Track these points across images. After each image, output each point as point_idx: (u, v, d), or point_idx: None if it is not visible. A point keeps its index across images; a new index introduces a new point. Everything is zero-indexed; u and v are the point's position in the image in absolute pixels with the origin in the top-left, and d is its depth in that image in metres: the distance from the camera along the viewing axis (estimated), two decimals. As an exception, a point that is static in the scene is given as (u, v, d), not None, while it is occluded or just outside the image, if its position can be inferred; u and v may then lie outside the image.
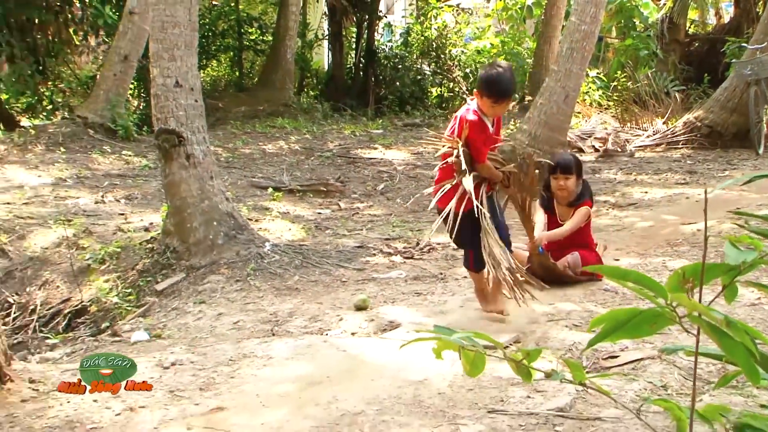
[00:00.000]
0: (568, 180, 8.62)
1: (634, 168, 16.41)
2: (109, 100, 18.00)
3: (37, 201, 12.89)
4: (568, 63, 13.58)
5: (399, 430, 5.47)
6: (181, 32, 9.88)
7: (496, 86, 7.37)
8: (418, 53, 24.44)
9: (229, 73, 24.88)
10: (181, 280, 9.35)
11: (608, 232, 11.36)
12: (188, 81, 9.92)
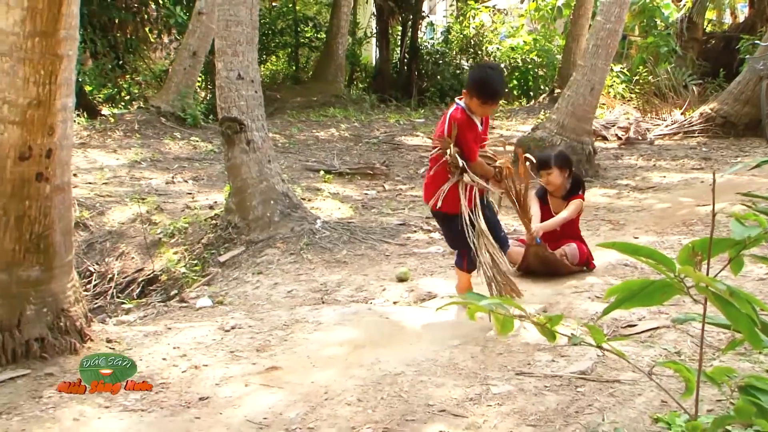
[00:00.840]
0: (550, 175, 8.30)
1: (654, 155, 16.26)
2: (180, 91, 18.07)
3: (115, 181, 12.93)
4: (594, 58, 13.45)
5: (435, 389, 5.46)
6: (243, 30, 9.88)
7: (487, 88, 6.93)
8: (457, 50, 24.35)
9: (287, 68, 24.84)
10: (241, 253, 9.35)
11: (628, 213, 11.25)
12: (249, 74, 9.92)
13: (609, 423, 4.71)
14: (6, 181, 6.12)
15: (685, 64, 22.68)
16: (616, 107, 20.41)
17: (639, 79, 21.86)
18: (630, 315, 6.61)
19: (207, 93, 19.04)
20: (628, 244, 2.15)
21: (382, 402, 5.31)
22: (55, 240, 6.44)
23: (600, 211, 11.16)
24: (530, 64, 24.21)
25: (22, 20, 5.85)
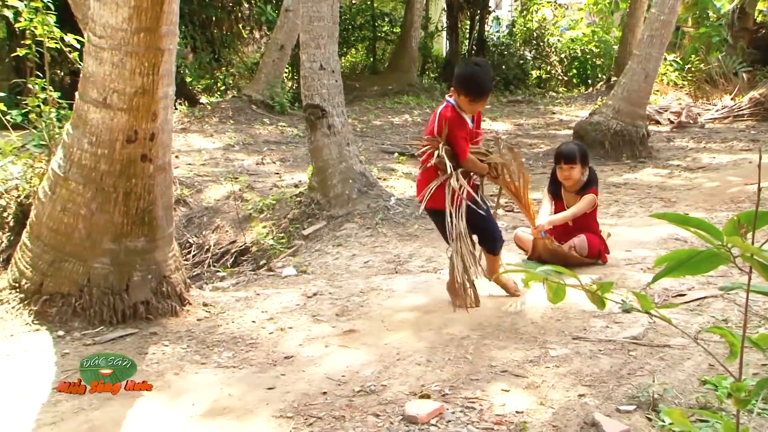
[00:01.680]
0: (573, 169, 7.46)
1: (704, 137, 16.03)
2: (269, 81, 18.16)
3: (211, 162, 13.02)
4: (649, 48, 13.33)
5: (498, 351, 5.43)
6: (324, 25, 9.89)
7: (474, 85, 6.36)
8: (520, 42, 24.21)
9: (365, 59, 24.86)
10: (322, 227, 9.38)
11: (679, 191, 11.10)
12: (330, 65, 9.94)
13: (659, 384, 4.64)
14: (115, 161, 6.21)
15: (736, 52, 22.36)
16: (668, 93, 20.21)
17: (691, 67, 21.63)
18: (680, 285, 6.55)
19: (293, 83, 19.08)
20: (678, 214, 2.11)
21: (449, 362, 5.30)
22: (158, 214, 6.52)
23: (652, 190, 11.02)
24: (588, 54, 24.02)
25: (129, 18, 5.90)
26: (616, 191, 11.01)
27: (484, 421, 4.44)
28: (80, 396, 5.39)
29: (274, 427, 4.60)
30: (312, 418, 4.67)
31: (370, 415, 4.63)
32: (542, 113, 19.09)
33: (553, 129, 16.71)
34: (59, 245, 6.59)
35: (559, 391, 4.73)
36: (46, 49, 8.66)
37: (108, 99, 6.14)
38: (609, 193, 10.90)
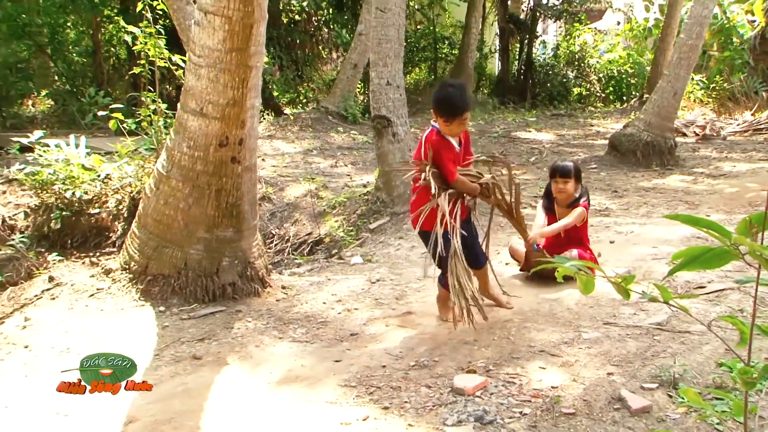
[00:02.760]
0: (567, 183, 6.91)
1: (726, 148, 15.79)
2: (343, 95, 18.23)
3: (292, 164, 13.10)
4: (678, 69, 13.18)
5: (536, 333, 5.44)
6: (391, 47, 9.91)
7: (446, 105, 5.73)
8: (564, 62, 24.04)
9: (427, 77, 24.81)
10: (386, 222, 9.41)
11: (702, 195, 10.94)
12: (395, 81, 9.95)
13: (679, 366, 4.62)
14: (209, 162, 6.31)
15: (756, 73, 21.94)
16: (695, 109, 20.00)
17: (715, 86, 21.37)
18: (701, 278, 6.46)
19: (364, 96, 19.13)
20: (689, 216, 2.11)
21: (494, 342, 5.31)
22: (244, 208, 6.61)
23: (678, 194, 10.89)
24: (624, 74, 23.83)
25: (223, 39, 5.99)
26: (646, 195, 10.89)
27: (522, 394, 4.44)
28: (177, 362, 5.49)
29: (340, 395, 4.65)
30: (372, 387, 4.71)
31: (423, 386, 4.66)
32: (581, 125, 18.94)
33: (590, 139, 16.59)
34: (162, 234, 6.73)
35: (590, 369, 4.73)
36: (156, 67, 8.80)
37: (204, 109, 6.24)
38: (639, 196, 10.78)
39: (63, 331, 6.24)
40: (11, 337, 6.53)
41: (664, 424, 4.02)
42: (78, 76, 19.34)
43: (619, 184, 11.74)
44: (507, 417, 4.17)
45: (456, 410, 4.27)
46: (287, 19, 19.87)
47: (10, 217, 9.06)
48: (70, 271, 7.68)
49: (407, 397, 4.53)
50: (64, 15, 19.62)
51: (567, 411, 4.19)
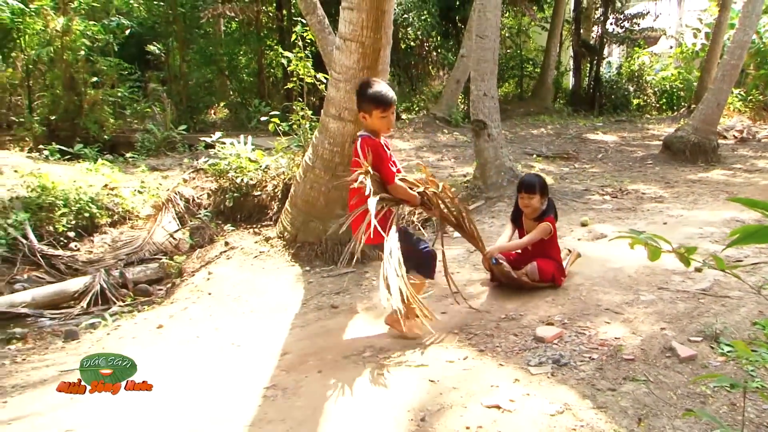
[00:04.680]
0: (532, 198, 5.78)
1: (760, 148, 15.10)
2: (448, 104, 18.15)
3: (407, 158, 13.09)
4: (721, 84, 12.73)
5: (603, 295, 5.31)
6: (488, 66, 9.77)
7: (382, 95, 4.66)
8: (625, 79, 23.40)
9: (514, 90, 24.51)
10: (481, 205, 9.29)
11: (740, 187, 10.49)
12: (491, 93, 9.81)
13: (720, 323, 4.50)
14: (345, 156, 6.40)
15: (789, 87, 21.23)
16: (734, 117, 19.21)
17: (752, 98, 20.58)
18: (738, 254, 6.19)
19: (464, 105, 18.99)
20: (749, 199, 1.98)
21: (568, 301, 5.22)
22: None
23: (720, 185, 10.47)
24: (675, 88, 23.08)
25: (357, 60, 5.99)
26: (693, 186, 10.51)
27: (591, 343, 4.38)
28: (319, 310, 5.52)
29: (445, 340, 4.62)
30: (471, 334, 4.69)
31: (510, 334, 4.63)
32: (639, 129, 18.38)
33: (647, 141, 16.08)
34: (308, 211, 6.81)
35: (646, 325, 4.62)
36: (305, 83, 8.86)
37: (342, 114, 6.27)
38: (687, 187, 10.40)
39: (235, 283, 6.41)
40: (199, 286, 6.74)
41: (707, 369, 3.94)
42: (246, 91, 19.74)
43: (670, 176, 11.37)
44: (579, 360, 4.12)
45: (537, 354, 4.24)
46: (405, 45, 19.85)
47: (197, 197, 9.29)
48: (240, 239, 7.88)
49: (498, 343, 4.50)
50: (239, 46, 20.21)
51: (627, 357, 4.12)
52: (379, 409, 3.65)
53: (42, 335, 6.48)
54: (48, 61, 13.70)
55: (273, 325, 5.03)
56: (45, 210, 8.87)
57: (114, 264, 8.28)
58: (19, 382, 4.85)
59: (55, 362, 5.27)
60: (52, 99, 13.60)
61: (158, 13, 18.94)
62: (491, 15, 9.82)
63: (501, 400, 3.61)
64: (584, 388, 3.76)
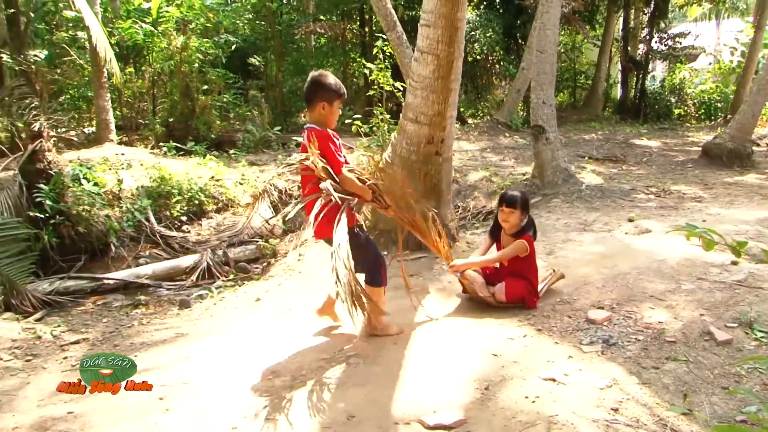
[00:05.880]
0: (512, 214, 4.95)
1: (792, 153, 14.54)
2: (509, 111, 17.93)
3: (472, 158, 12.97)
4: (756, 97, 12.23)
5: (648, 283, 5.16)
6: (546, 77, 9.59)
7: (340, 86, 4.19)
8: (668, 91, 22.67)
9: (567, 99, 24.05)
10: (539, 200, 9.14)
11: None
12: (549, 101, 9.64)
13: (754, 312, 4.36)
14: (420, 154, 6.33)
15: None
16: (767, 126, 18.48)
17: (785, 109, 19.82)
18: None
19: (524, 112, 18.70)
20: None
21: (616, 288, 5.10)
22: (443, 187, 6.58)
23: (754, 188, 10.07)
24: (713, 100, 22.32)
25: (433, 70, 5.97)
26: (729, 188, 10.13)
27: (637, 326, 4.30)
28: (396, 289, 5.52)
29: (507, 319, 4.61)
30: (529, 315, 4.69)
31: (565, 316, 4.58)
32: (680, 136, 17.77)
33: (687, 147, 15.53)
34: (387, 202, 6.80)
35: (687, 311, 4.49)
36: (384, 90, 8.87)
37: (418, 118, 6.24)
38: (724, 189, 10.03)
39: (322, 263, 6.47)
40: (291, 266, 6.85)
41: (741, 353, 3.86)
42: (332, 97, 19.88)
43: (709, 179, 10.99)
44: (626, 341, 4.05)
45: (589, 334, 4.20)
46: (471, 59, 19.58)
47: (289, 189, 9.43)
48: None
49: (554, 323, 4.45)
50: (326, 58, 20.39)
51: (669, 339, 4.04)
52: (448, 378, 3.65)
53: (160, 303, 6.71)
54: (169, 73, 14.11)
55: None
56: (163, 197, 9.16)
57: (218, 245, 8.49)
58: (146, 340, 5.04)
59: (172, 326, 5.44)
60: (171, 104, 14.00)
61: (259, 30, 19.30)
62: (550, 33, 9.65)
63: (556, 374, 3.57)
64: (630, 365, 3.72)
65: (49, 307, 6.63)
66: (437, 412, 3.22)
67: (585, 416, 3.15)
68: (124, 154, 11.16)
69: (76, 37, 14.74)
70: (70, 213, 7.74)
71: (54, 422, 3.47)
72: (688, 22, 25.89)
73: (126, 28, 14.15)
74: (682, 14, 27.83)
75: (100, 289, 7.29)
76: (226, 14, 16.34)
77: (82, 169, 8.73)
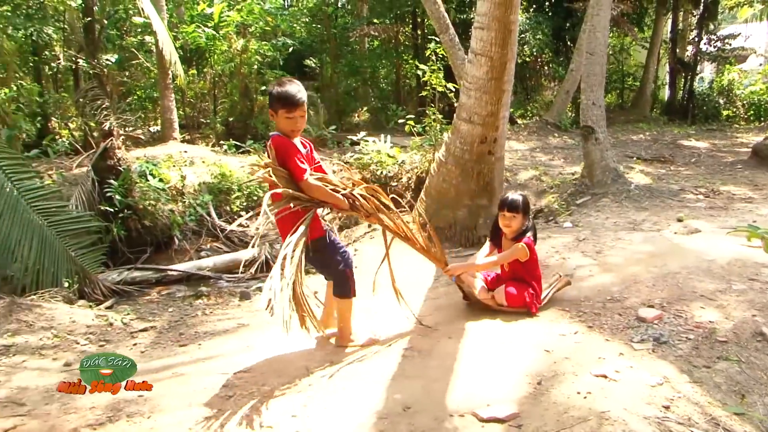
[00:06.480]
0: (515, 218, 4.69)
1: None
2: (558, 112, 17.72)
3: (522, 158, 12.86)
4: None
5: (698, 283, 5.00)
6: (596, 78, 9.45)
7: (285, 96, 3.78)
8: (716, 92, 22.08)
9: (615, 101, 23.62)
10: (588, 199, 9.00)
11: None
12: (598, 102, 9.48)
13: None
14: (473, 153, 6.34)
15: None
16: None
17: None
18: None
19: (572, 113, 18.45)
20: None
21: (666, 287, 4.96)
22: (495, 186, 6.56)
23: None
24: (762, 101, 21.65)
25: (486, 72, 5.95)
26: (780, 185, 9.87)
27: (688, 325, 4.18)
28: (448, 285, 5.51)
29: (558, 316, 4.56)
30: (581, 312, 4.58)
31: (615, 314, 4.49)
32: (729, 137, 17.26)
33: (736, 148, 15.08)
34: (440, 200, 6.84)
35: (738, 311, 4.35)
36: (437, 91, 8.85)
37: (471, 118, 6.24)
38: (778, 186, 9.79)
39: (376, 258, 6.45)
40: (348, 260, 6.86)
41: None
42: (385, 98, 19.95)
43: (759, 180, 10.65)
44: (676, 340, 3.95)
45: (639, 332, 4.10)
46: (521, 60, 19.42)
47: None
48: (380, 222, 7.94)
49: (605, 321, 4.38)
50: (380, 60, 20.48)
51: (721, 339, 3.92)
52: (501, 372, 3.63)
53: (221, 294, 6.84)
54: (229, 74, 14.41)
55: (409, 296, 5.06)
56: (224, 193, 9.34)
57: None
58: (209, 330, 5.15)
59: (234, 317, 5.55)
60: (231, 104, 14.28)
61: (316, 33, 19.52)
62: (600, 35, 9.50)
63: (607, 371, 3.52)
64: (682, 364, 3.63)
65: (118, 296, 6.84)
66: (491, 405, 3.21)
67: (636, 413, 3.10)
68: (187, 152, 11.40)
69: (143, 41, 15.13)
70: (137, 207, 7.96)
71: (126, 404, 3.57)
72: (738, 24, 25.14)
73: (190, 32, 14.46)
74: (731, 15, 27.08)
75: (164, 280, 7.48)
76: (284, 18, 16.55)
77: (149, 166, 8.96)
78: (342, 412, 3.33)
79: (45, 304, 5.59)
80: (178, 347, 4.72)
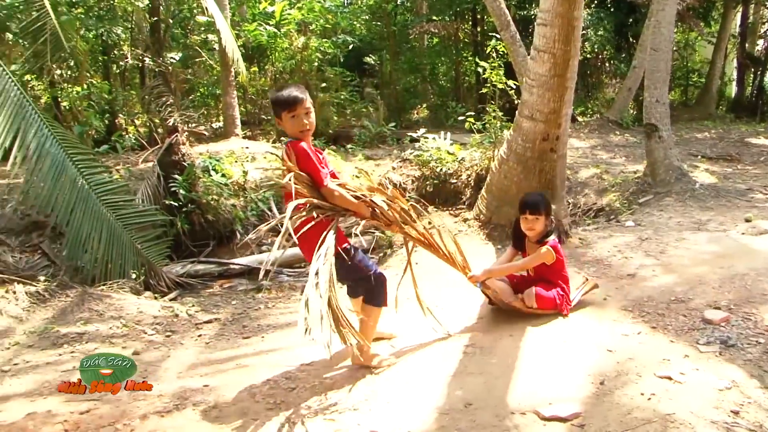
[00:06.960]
0: (537, 220, 4.49)
1: None
2: (620, 109, 17.33)
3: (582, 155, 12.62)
4: None
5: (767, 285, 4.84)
6: (660, 75, 9.19)
7: (284, 98, 3.67)
8: (789, 88, 21.31)
9: (680, 98, 22.92)
10: (650, 199, 8.79)
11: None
12: (662, 99, 9.23)
13: None
14: (535, 151, 6.28)
15: None
16: None
17: None
18: None
19: (635, 110, 18.01)
20: None
21: (734, 289, 4.84)
22: (557, 183, 6.48)
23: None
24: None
25: (549, 68, 5.89)
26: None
27: (757, 328, 4.05)
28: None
29: (620, 316, 4.48)
30: (644, 312, 4.50)
31: (680, 315, 4.39)
32: (801, 136, 16.64)
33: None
34: (501, 197, 6.81)
35: (811, 314, 4.19)
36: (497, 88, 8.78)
37: (534, 115, 6.18)
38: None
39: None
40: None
41: None
42: (444, 95, 19.85)
43: (831, 180, 10.24)
44: (745, 343, 3.83)
45: (706, 334, 4.01)
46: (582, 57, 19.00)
47: (403, 182, 9.50)
48: (441, 218, 7.97)
49: (669, 322, 4.29)
50: (439, 57, 20.45)
51: None
52: (563, 371, 3.60)
53: (282, 288, 6.94)
54: (290, 71, 14.58)
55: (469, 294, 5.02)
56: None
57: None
58: (271, 323, 5.24)
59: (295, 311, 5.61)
60: (291, 101, 14.43)
61: (375, 31, 19.57)
62: (665, 30, 9.23)
63: (672, 373, 3.45)
64: (751, 368, 3.51)
65: (181, 289, 7.01)
66: (552, 404, 3.19)
67: (703, 417, 3.03)
68: (249, 148, 11.60)
69: (207, 39, 15.45)
70: (200, 202, 8.14)
71: (192, 393, 3.68)
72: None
73: (251, 30, 14.70)
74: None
75: (227, 274, 7.63)
76: (344, 16, 16.66)
77: (212, 162, 9.15)
78: (403, 406, 3.35)
79: (114, 295, 5.79)
80: (241, 339, 4.82)
